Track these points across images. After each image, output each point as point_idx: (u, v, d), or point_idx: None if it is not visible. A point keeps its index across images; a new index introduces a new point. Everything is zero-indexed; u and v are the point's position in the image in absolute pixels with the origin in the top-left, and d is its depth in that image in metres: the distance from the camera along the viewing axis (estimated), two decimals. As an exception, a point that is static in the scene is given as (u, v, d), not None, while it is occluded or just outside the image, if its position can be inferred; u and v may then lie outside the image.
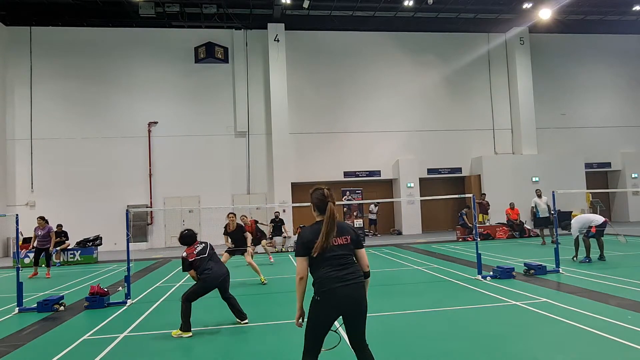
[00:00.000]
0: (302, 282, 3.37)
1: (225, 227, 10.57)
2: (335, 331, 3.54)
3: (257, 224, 14.87)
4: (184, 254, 6.41)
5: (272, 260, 13.89)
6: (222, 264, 6.66)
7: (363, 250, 3.55)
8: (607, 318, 5.93)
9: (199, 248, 6.53)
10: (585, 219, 11.16)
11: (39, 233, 12.84)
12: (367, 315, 3.48)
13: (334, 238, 3.39)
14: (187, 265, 6.36)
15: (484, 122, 23.81)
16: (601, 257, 11.07)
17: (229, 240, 10.63)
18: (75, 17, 20.69)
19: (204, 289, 6.29)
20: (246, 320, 6.50)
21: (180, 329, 6.07)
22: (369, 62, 22.98)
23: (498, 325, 5.95)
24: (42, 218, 13.06)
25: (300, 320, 3.50)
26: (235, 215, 10.68)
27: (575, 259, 11.06)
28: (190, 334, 6.06)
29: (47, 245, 12.92)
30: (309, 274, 3.42)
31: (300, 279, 3.37)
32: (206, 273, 6.28)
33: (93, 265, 15.29)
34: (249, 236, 10.55)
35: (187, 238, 6.64)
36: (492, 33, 23.98)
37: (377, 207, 22.05)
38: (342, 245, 3.44)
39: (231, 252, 10.31)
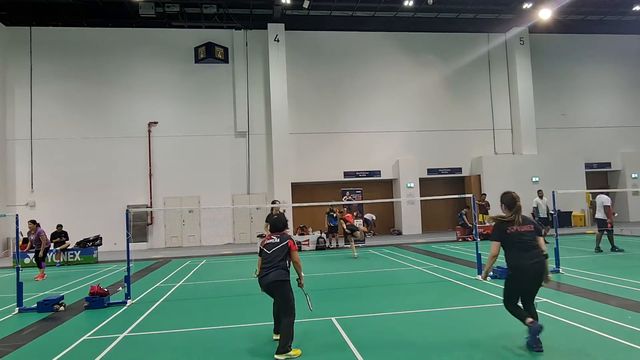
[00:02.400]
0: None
1: None
2: None
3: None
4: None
5: (356, 255, 14.26)
6: (274, 271, 5.27)
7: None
8: (607, 318, 5.93)
9: (271, 241, 5.53)
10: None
11: (31, 237, 12.77)
12: (369, 314, 3.47)
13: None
14: (260, 248, 5.67)
15: (484, 122, 23.81)
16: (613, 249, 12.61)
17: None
18: (75, 17, 20.68)
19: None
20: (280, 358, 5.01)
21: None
22: (369, 62, 22.98)
23: (498, 325, 5.95)
24: (32, 222, 12.85)
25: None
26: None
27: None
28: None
29: (39, 248, 12.65)
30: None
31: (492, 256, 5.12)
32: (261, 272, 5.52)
33: (93, 266, 15.29)
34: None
35: (272, 222, 5.84)
36: (492, 33, 23.98)
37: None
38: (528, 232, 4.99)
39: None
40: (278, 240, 5.49)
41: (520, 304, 5.03)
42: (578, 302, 6.90)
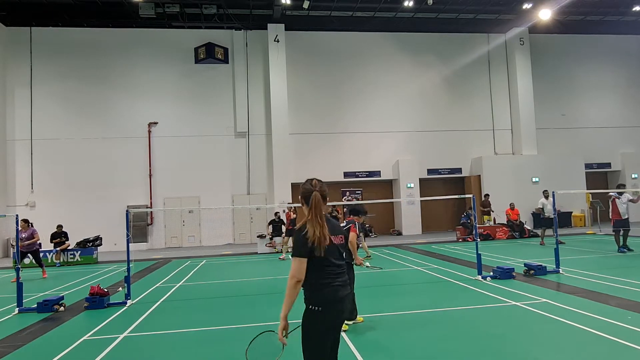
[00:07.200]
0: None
1: None
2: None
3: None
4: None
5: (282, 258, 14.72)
6: (348, 285, 5.95)
7: None
8: (607, 318, 5.93)
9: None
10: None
11: (23, 236, 12.80)
12: (369, 314, 3.45)
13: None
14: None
15: (483, 123, 23.80)
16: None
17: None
18: (75, 17, 20.68)
19: None
20: (353, 321, 6.06)
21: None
22: (369, 63, 22.97)
23: (498, 325, 5.95)
24: (25, 221, 12.95)
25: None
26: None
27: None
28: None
29: (32, 247, 12.87)
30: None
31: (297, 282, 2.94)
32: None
33: (93, 266, 15.28)
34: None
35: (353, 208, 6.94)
36: (492, 33, 23.97)
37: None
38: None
39: None
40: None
41: None
42: (578, 302, 6.89)
